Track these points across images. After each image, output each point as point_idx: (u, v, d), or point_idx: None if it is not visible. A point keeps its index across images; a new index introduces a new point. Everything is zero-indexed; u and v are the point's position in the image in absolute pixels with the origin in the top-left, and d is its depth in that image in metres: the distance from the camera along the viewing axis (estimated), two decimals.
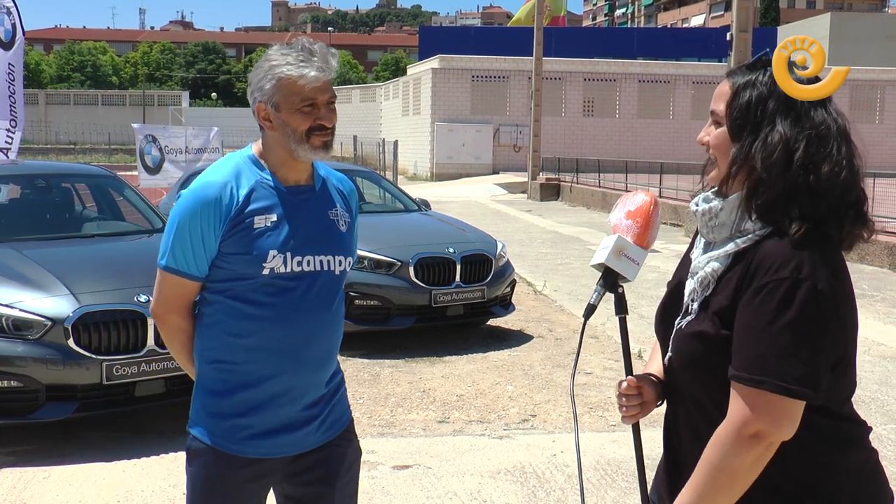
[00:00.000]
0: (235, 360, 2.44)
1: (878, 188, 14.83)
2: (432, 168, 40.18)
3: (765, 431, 1.75)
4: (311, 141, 2.39)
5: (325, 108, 2.40)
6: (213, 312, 2.46)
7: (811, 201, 1.79)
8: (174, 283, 2.45)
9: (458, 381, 7.08)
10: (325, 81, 2.38)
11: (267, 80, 2.38)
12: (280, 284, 2.41)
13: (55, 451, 5.37)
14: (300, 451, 2.52)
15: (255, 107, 2.44)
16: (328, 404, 2.57)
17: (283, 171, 2.47)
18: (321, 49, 2.40)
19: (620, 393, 2.10)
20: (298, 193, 2.49)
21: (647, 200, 2.14)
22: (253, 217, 2.39)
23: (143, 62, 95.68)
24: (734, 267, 1.85)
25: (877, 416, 6.25)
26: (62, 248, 6.52)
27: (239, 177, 2.43)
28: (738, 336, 1.79)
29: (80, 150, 51.50)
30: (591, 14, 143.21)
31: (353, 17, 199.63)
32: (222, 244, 2.39)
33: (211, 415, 2.47)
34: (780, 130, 1.82)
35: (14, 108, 11.82)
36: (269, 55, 2.41)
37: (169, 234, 2.43)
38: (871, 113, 43.14)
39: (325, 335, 2.51)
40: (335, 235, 2.54)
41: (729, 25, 17.25)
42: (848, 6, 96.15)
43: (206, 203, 2.37)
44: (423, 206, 10.22)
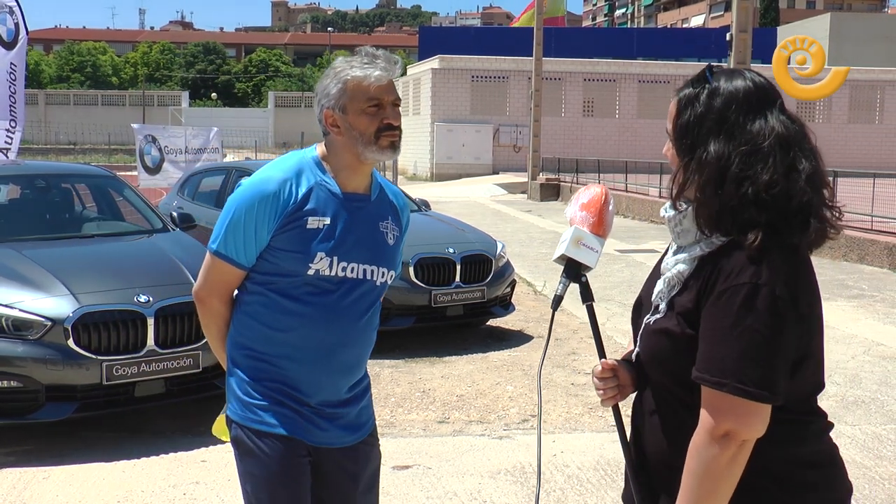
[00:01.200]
0: (267, 351, 2.49)
1: (879, 188, 14.84)
2: (432, 168, 40.18)
3: (734, 431, 1.81)
4: (380, 141, 2.44)
5: (391, 108, 2.46)
6: (252, 302, 2.51)
7: (756, 212, 1.85)
8: (221, 268, 2.50)
9: (458, 381, 7.08)
10: (389, 81, 2.45)
11: (333, 85, 2.45)
12: (322, 286, 2.46)
13: (55, 451, 5.37)
14: (329, 445, 2.55)
15: (322, 114, 2.49)
16: (353, 407, 2.61)
17: (344, 177, 2.51)
18: (385, 55, 2.48)
19: (595, 376, 2.17)
20: (355, 201, 2.53)
21: (599, 192, 2.26)
22: (307, 217, 2.44)
23: (142, 62, 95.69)
24: (700, 270, 1.92)
25: (877, 416, 6.25)
26: (62, 248, 6.52)
27: (300, 176, 2.47)
28: (702, 339, 1.86)
29: (79, 150, 51.53)
30: (590, 14, 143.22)
31: (352, 18, 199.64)
32: (273, 239, 2.44)
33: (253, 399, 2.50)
34: (712, 150, 1.89)
35: (14, 108, 11.81)
36: (335, 64, 2.48)
37: (224, 220, 2.48)
38: (870, 113, 43.12)
39: (357, 342, 2.56)
40: (383, 247, 2.59)
41: (729, 26, 17.25)
42: (847, 6, 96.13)
43: (264, 197, 2.42)
44: (422, 206, 10.22)
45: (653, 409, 2.05)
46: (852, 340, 8.58)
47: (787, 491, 1.91)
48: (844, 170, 15.70)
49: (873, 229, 14.26)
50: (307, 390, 2.50)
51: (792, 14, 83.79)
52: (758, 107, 1.92)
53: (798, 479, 1.92)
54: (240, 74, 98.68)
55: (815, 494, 1.93)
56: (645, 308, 2.09)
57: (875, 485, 4.98)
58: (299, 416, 2.50)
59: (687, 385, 1.90)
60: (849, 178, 15.34)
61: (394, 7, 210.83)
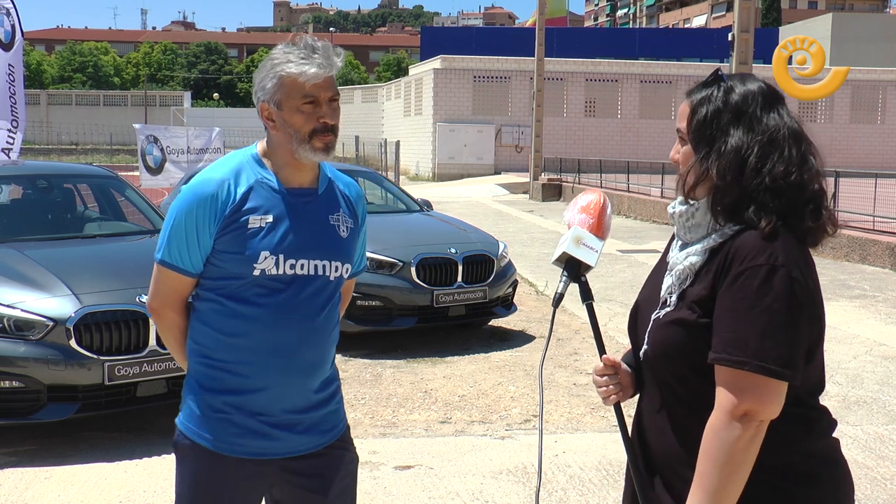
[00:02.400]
0: (225, 358, 2.42)
1: (881, 188, 14.82)
2: (434, 168, 40.18)
3: (753, 410, 1.83)
4: (313, 142, 2.37)
5: (328, 105, 2.37)
6: (205, 309, 2.46)
7: (770, 200, 1.92)
8: (170, 277, 2.45)
9: (460, 381, 7.08)
10: (326, 78, 2.35)
11: (269, 79, 2.37)
12: (271, 286, 2.39)
13: (57, 451, 5.37)
14: (289, 455, 2.47)
15: (259, 106, 2.42)
16: (321, 410, 2.52)
17: (286, 172, 2.45)
18: (324, 46, 2.38)
19: (596, 373, 2.20)
20: (300, 196, 2.46)
21: (598, 197, 2.32)
22: (248, 216, 2.38)
23: (144, 62, 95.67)
24: (711, 260, 1.96)
25: (878, 416, 6.24)
26: (64, 248, 6.53)
27: (239, 175, 2.41)
28: (719, 320, 1.89)
29: (81, 150, 51.52)
30: (592, 14, 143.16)
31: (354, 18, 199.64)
32: (217, 242, 2.38)
33: (200, 410, 2.45)
34: (733, 140, 1.97)
35: (15, 108, 11.83)
36: (273, 54, 2.40)
37: (166, 228, 2.44)
38: (872, 113, 43.08)
39: (316, 341, 2.48)
40: (334, 240, 2.51)
41: (731, 26, 17.24)
42: (849, 7, 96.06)
43: (202, 199, 2.37)
44: (424, 206, 10.22)
45: (659, 408, 2.05)
46: (854, 340, 8.57)
47: (797, 485, 1.92)
48: (846, 170, 15.70)
49: (875, 229, 14.25)
50: (268, 395, 2.42)
51: (794, 14, 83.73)
52: (771, 103, 2.02)
53: (807, 474, 1.94)
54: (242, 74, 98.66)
55: (824, 489, 1.95)
56: (646, 309, 2.10)
57: (877, 485, 4.98)
58: (250, 431, 2.42)
59: (703, 373, 1.92)
60: (851, 179, 15.35)
61: (396, 7, 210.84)
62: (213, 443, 2.43)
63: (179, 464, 2.50)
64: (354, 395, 6.67)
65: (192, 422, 2.46)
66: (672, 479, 2.00)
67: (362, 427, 5.97)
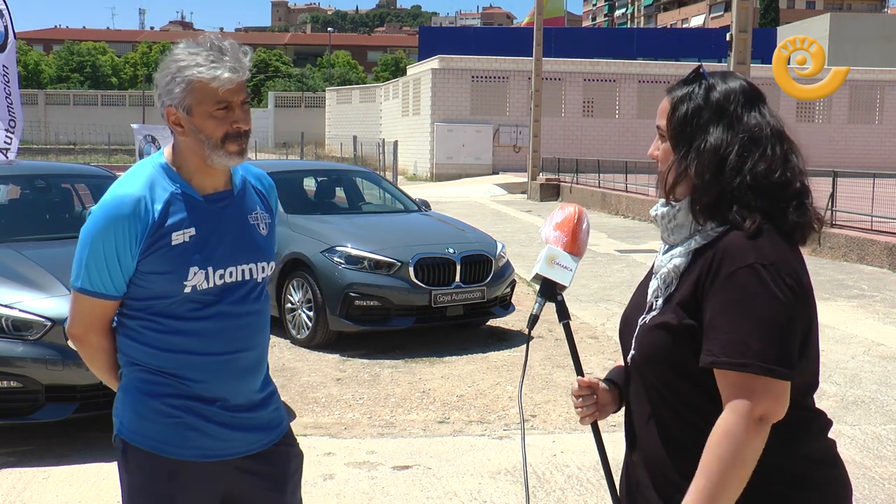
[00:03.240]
0: (163, 367, 2.34)
1: (879, 188, 14.84)
2: (432, 168, 40.17)
3: (769, 412, 1.81)
4: (227, 147, 2.28)
5: (240, 109, 2.28)
6: (134, 326, 2.36)
7: (753, 198, 1.90)
8: (91, 304, 2.33)
9: (458, 381, 7.08)
10: (238, 82, 2.26)
11: (176, 84, 2.24)
12: (204, 300, 2.32)
13: (55, 451, 5.37)
14: (241, 454, 2.42)
15: (164, 111, 2.29)
16: (262, 410, 2.49)
17: (199, 179, 2.35)
18: (232, 47, 2.27)
19: (573, 393, 2.21)
20: (217, 201, 2.37)
21: (573, 211, 2.28)
22: (171, 234, 2.27)
23: (142, 62, 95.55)
24: (696, 262, 1.94)
25: (876, 416, 6.24)
26: (62, 248, 6.50)
27: (153, 189, 2.29)
28: (712, 323, 1.86)
29: (79, 150, 51.52)
30: (590, 14, 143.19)
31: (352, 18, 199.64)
32: (140, 263, 2.28)
33: (142, 416, 2.36)
34: (712, 138, 1.95)
35: (12, 108, 11.82)
36: (177, 55, 2.26)
37: (82, 253, 2.31)
38: (870, 113, 43.10)
39: (251, 343, 2.43)
40: (256, 240, 2.44)
41: (728, 26, 17.24)
42: (847, 7, 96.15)
43: (119, 220, 2.25)
44: (422, 206, 10.22)
45: (648, 412, 2.03)
46: (852, 340, 8.57)
47: (793, 487, 1.91)
48: (844, 170, 15.72)
49: (873, 229, 14.26)
50: (211, 399, 2.36)
51: (792, 14, 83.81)
52: (752, 102, 1.99)
53: (803, 476, 1.92)
54: None
55: (821, 491, 1.93)
56: (635, 314, 2.09)
57: (875, 485, 4.98)
58: (200, 433, 2.35)
59: (689, 377, 1.91)
60: (849, 179, 15.36)
61: (394, 7, 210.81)
62: (167, 447, 2.34)
63: (130, 475, 2.40)
64: (352, 395, 6.67)
65: (139, 429, 2.36)
66: (662, 483, 1.99)
67: (360, 427, 5.97)
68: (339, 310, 7.84)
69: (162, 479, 2.36)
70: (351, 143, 35.77)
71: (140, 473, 2.38)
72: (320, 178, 10.69)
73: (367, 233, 8.55)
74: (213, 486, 2.42)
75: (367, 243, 8.17)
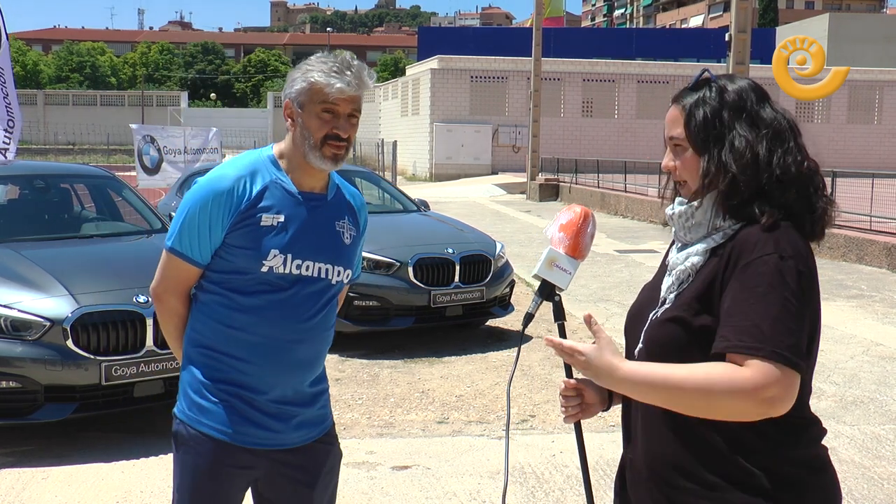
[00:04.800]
0: (223, 349, 2.49)
1: (877, 188, 14.84)
2: (431, 168, 40.18)
3: (778, 398, 1.78)
4: (324, 150, 2.45)
5: (345, 119, 2.45)
6: (208, 301, 2.51)
7: (781, 192, 1.91)
8: (177, 265, 2.51)
9: (458, 381, 7.08)
10: (351, 95, 2.44)
11: (299, 80, 2.45)
12: (276, 284, 2.46)
13: (54, 451, 5.37)
14: (278, 446, 2.53)
15: (284, 103, 2.52)
16: (310, 406, 2.60)
17: (299, 175, 2.52)
18: (358, 66, 2.47)
19: (560, 393, 2.24)
20: (311, 200, 2.54)
21: (578, 213, 2.27)
22: (261, 214, 2.44)
23: (141, 62, 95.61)
24: (710, 259, 1.95)
25: (875, 416, 6.25)
26: (61, 248, 6.52)
27: (255, 173, 2.48)
28: (729, 310, 1.85)
29: (78, 150, 51.54)
30: (589, 14, 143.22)
31: (351, 18, 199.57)
32: (228, 236, 2.44)
33: (200, 398, 2.50)
34: (742, 134, 1.95)
35: (10, 108, 11.82)
36: (310, 60, 2.49)
37: (179, 217, 2.49)
38: (869, 113, 43.13)
39: (313, 340, 2.56)
40: (339, 246, 2.60)
41: (727, 26, 17.25)
42: (846, 7, 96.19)
43: (218, 194, 2.43)
44: (422, 206, 10.23)
45: (650, 411, 2.01)
46: (851, 340, 8.58)
47: (786, 493, 1.89)
48: (843, 170, 15.71)
49: (872, 229, 14.26)
50: (264, 388, 2.49)
51: (791, 14, 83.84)
52: (763, 99, 2.00)
53: (796, 482, 1.91)
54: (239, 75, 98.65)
55: (809, 497, 1.92)
56: (645, 310, 2.08)
57: (873, 485, 4.98)
58: (248, 421, 2.49)
59: None
60: (848, 179, 15.36)
61: (393, 7, 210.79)
62: (216, 430, 2.48)
63: (180, 452, 2.54)
64: (352, 396, 6.67)
65: (193, 410, 2.51)
66: (661, 478, 1.98)
67: (359, 427, 5.97)
68: (339, 310, 7.82)
69: (206, 457, 2.49)
70: None
71: (191, 453, 2.51)
72: None
73: (367, 233, 8.53)
74: (250, 472, 2.55)
75: (366, 243, 8.14)
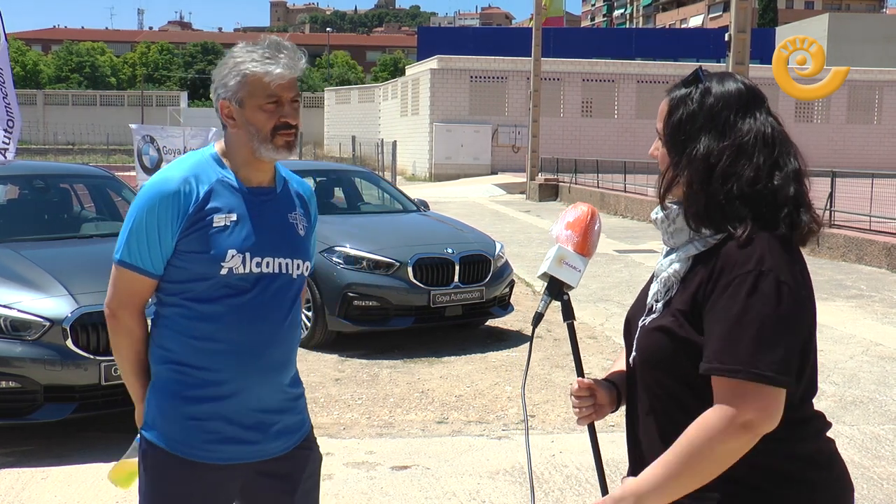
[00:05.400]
0: (194, 362, 2.39)
1: (877, 188, 14.85)
2: (431, 168, 40.17)
3: (755, 421, 1.79)
4: (275, 140, 2.37)
5: (290, 105, 2.37)
6: (170, 314, 2.42)
7: (743, 206, 1.89)
8: (129, 278, 2.42)
9: (457, 381, 7.08)
10: (290, 79, 2.36)
11: (231, 77, 2.36)
12: (238, 286, 2.37)
13: (53, 451, 5.37)
14: (261, 458, 2.46)
15: (219, 104, 2.40)
16: (289, 413, 2.53)
17: (246, 171, 2.44)
18: (291, 47, 2.38)
19: (572, 394, 2.21)
20: (260, 195, 2.45)
21: (585, 211, 2.27)
22: (212, 215, 2.36)
23: (141, 62, 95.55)
24: (695, 268, 1.93)
25: (875, 416, 6.25)
26: (60, 248, 6.52)
27: (200, 174, 2.39)
28: (710, 330, 1.85)
29: (78, 150, 51.50)
30: (589, 14, 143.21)
31: (351, 18, 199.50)
32: (180, 242, 2.35)
33: (169, 418, 2.40)
34: (702, 146, 1.94)
35: (9, 108, 11.83)
36: (235, 52, 2.39)
37: (126, 227, 2.40)
38: (868, 113, 43.13)
39: (283, 340, 2.47)
40: (294, 239, 2.51)
41: (727, 26, 17.25)
42: (846, 7, 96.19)
43: (164, 197, 2.33)
44: (421, 206, 10.22)
45: (647, 414, 2.03)
46: (850, 340, 8.58)
47: (790, 490, 1.89)
48: (843, 170, 15.72)
49: (871, 229, 14.27)
50: (241, 398, 2.40)
51: (790, 14, 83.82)
52: (747, 107, 1.97)
53: (800, 478, 1.90)
54: None
55: (818, 493, 1.92)
56: (637, 315, 2.08)
57: (873, 485, 4.98)
58: (226, 438, 2.40)
59: (687, 382, 1.91)
60: (847, 179, 15.37)
61: (392, 7, 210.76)
62: (189, 451, 2.38)
63: (149, 474, 2.44)
64: (351, 396, 6.67)
65: (163, 430, 2.40)
66: None
67: (359, 427, 5.97)
68: (338, 310, 7.84)
69: (181, 480, 2.40)
70: (350, 143, 35.77)
71: (155, 471, 2.42)
72: (319, 179, 10.67)
73: (366, 233, 8.55)
74: (230, 487, 2.47)
75: (365, 243, 8.17)
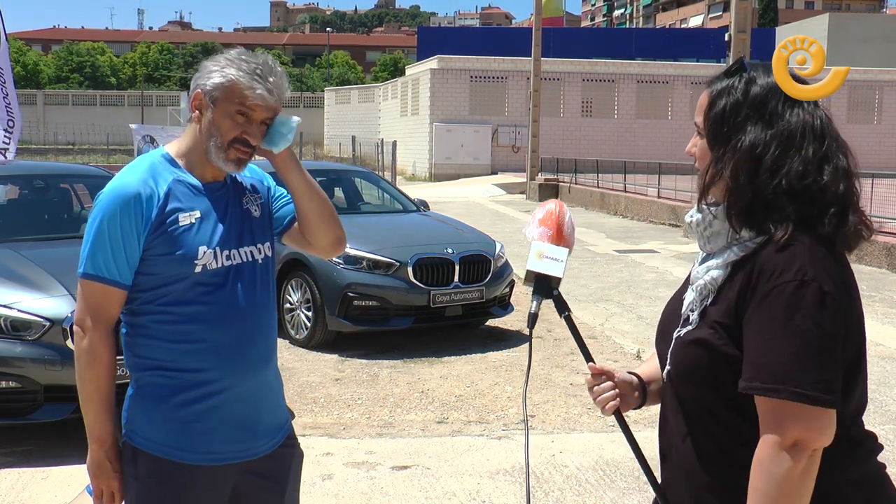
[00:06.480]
0: (178, 365, 2.35)
1: (877, 188, 14.83)
2: (431, 168, 40.18)
3: (803, 439, 1.68)
4: (229, 152, 2.36)
5: (257, 126, 2.36)
6: (146, 323, 2.36)
7: (788, 203, 1.77)
8: (98, 291, 2.32)
9: (457, 381, 7.08)
10: (269, 103, 2.34)
11: (217, 75, 2.34)
12: (212, 282, 2.36)
13: (54, 451, 5.37)
14: (251, 457, 2.45)
15: (194, 93, 2.37)
16: (273, 409, 2.53)
17: (200, 169, 2.42)
18: (280, 73, 2.38)
19: (588, 383, 2.11)
20: (215, 190, 2.45)
21: (554, 206, 2.24)
22: (177, 214, 2.33)
23: (141, 62, 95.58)
24: (734, 276, 1.81)
25: (875, 416, 6.25)
26: (60, 248, 6.51)
27: (157, 176, 2.36)
28: (749, 345, 1.74)
29: (78, 150, 51.52)
30: (589, 14, 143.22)
31: (351, 18, 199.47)
32: (148, 246, 2.31)
33: (158, 423, 2.36)
34: (749, 137, 1.82)
35: (9, 108, 11.83)
36: (229, 53, 2.37)
37: (88, 239, 2.32)
38: (869, 113, 43.14)
39: (263, 330, 2.47)
40: (253, 224, 2.50)
41: (727, 26, 17.26)
42: (846, 7, 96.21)
43: (125, 203, 2.29)
44: (421, 206, 10.23)
45: (686, 433, 1.90)
46: None
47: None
48: None
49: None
50: (230, 395, 2.38)
51: (790, 14, 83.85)
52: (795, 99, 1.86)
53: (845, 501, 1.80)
54: None
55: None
56: (670, 325, 1.96)
57: None
58: (213, 438, 2.38)
59: (728, 398, 1.79)
60: None
61: (392, 7, 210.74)
62: (183, 454, 2.35)
63: (138, 480, 2.38)
64: (351, 396, 6.67)
65: (153, 436, 2.37)
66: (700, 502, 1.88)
67: (359, 427, 5.97)
68: (338, 310, 7.84)
69: (172, 484, 2.37)
70: (349, 143, 35.77)
71: (150, 479, 2.38)
72: (319, 179, 10.62)
73: (366, 233, 8.54)
74: (222, 489, 2.44)
75: (365, 243, 8.16)
